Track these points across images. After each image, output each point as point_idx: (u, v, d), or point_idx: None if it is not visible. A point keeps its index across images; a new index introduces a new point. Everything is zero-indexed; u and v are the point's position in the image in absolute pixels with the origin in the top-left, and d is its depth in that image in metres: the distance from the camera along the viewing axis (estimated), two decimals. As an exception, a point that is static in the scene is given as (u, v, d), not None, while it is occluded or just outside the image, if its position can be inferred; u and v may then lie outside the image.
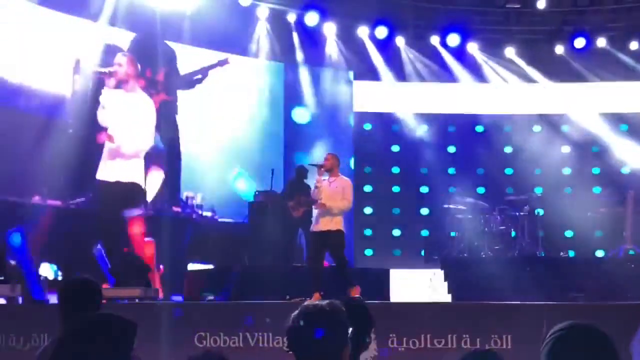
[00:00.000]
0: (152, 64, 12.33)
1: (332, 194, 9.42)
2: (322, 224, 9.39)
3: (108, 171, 9.31)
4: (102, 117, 9.29)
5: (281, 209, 11.45)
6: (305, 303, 2.82)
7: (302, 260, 11.45)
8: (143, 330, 2.58)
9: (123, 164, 9.30)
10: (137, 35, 12.25)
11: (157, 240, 10.82)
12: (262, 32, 13.57)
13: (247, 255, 11.73)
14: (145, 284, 9.23)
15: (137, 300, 8.68)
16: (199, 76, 12.66)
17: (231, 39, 13.23)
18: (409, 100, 14.96)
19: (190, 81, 12.72)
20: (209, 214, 12.90)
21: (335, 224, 9.42)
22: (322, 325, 2.68)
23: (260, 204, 11.53)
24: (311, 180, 11.91)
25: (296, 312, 2.77)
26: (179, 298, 10.80)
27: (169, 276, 11.04)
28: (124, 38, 12.12)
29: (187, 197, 12.71)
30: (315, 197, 9.45)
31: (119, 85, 9.24)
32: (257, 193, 11.83)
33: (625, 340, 7.69)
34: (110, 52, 10.97)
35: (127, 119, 9.34)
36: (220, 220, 13.03)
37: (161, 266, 11.17)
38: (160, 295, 9.90)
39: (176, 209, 12.58)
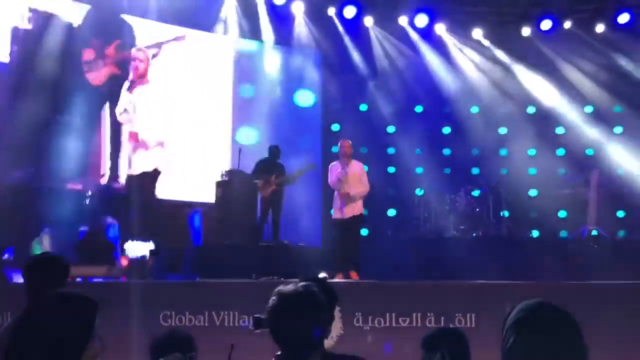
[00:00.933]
0: (105, 38, 12.15)
1: (352, 180, 9.99)
2: (347, 211, 9.98)
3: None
4: (126, 119, 9.21)
5: (249, 188, 11.40)
6: (281, 287, 2.84)
7: (270, 239, 11.46)
8: (107, 309, 2.56)
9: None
10: (91, 8, 12.05)
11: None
12: (230, 10, 13.43)
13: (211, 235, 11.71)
14: (110, 263, 9.18)
15: (102, 279, 8.63)
16: (154, 51, 12.47)
17: (197, 15, 13.08)
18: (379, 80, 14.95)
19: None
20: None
21: (358, 209, 10.11)
22: (299, 309, 2.71)
23: (226, 183, 11.46)
24: (284, 160, 11.95)
25: (274, 296, 2.78)
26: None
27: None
28: (77, 10, 11.94)
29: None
30: (338, 188, 9.95)
31: (137, 79, 9.13)
32: (224, 172, 11.76)
33: (586, 321, 7.82)
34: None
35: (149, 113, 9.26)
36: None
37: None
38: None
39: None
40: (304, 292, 2.80)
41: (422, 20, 14.10)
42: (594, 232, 13.68)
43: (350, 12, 13.76)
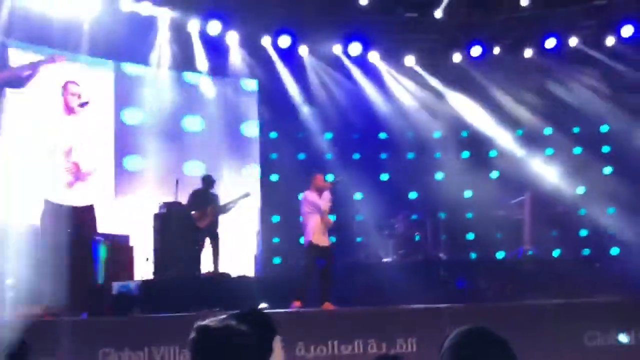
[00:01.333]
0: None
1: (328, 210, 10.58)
2: (326, 238, 10.47)
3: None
4: None
5: (186, 220, 11.33)
6: (209, 320, 2.74)
7: (210, 271, 11.40)
8: (44, 347, 2.53)
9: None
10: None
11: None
12: (164, 41, 13.35)
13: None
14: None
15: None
16: (28, 72, 11.97)
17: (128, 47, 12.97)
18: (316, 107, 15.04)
19: (19, 77, 11.93)
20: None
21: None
22: (224, 344, 2.62)
23: (164, 216, 11.36)
24: (218, 190, 11.93)
25: (194, 332, 2.66)
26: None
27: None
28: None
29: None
30: (324, 215, 10.40)
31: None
32: (162, 204, 11.66)
33: (523, 340, 7.96)
34: None
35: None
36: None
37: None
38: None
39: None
40: (222, 328, 2.68)
41: (355, 48, 14.26)
42: (530, 253, 13.97)
43: (284, 41, 13.85)
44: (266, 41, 14.00)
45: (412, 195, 15.10)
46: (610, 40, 14.15)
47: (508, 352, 2.29)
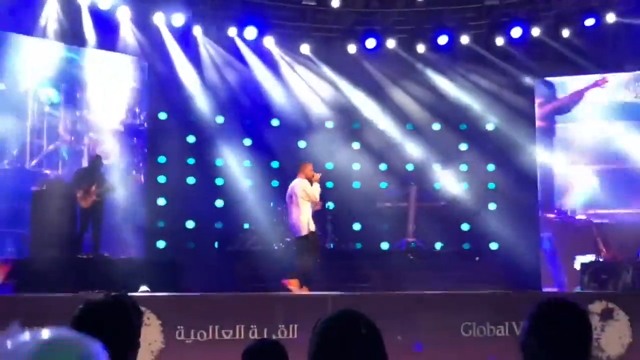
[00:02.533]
0: None
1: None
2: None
3: None
4: None
5: (68, 199, 10.93)
6: (90, 297, 2.73)
7: (91, 251, 11.07)
8: None
9: None
10: None
11: None
12: (51, 13, 12.81)
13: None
14: None
15: None
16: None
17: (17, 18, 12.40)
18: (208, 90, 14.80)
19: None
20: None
21: None
22: (106, 320, 2.60)
23: (44, 193, 10.93)
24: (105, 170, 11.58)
25: (81, 306, 2.67)
26: None
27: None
28: None
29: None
30: (315, 205, 10.81)
31: None
32: (41, 182, 11.21)
33: (402, 329, 8.10)
34: None
35: None
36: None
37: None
38: None
39: None
40: (111, 302, 2.70)
41: (251, 32, 14.13)
42: (413, 244, 14.26)
43: (178, 20, 13.56)
44: (159, 19, 13.64)
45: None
46: (499, 41, 14.57)
47: (374, 336, 2.28)
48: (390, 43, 14.68)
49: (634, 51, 14.34)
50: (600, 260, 12.64)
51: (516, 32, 14.24)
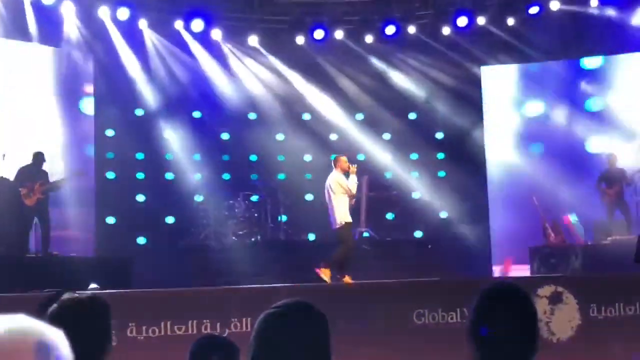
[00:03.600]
0: None
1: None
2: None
3: None
4: None
5: (12, 196, 10.71)
6: (66, 296, 2.71)
7: (38, 250, 10.89)
8: None
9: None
10: None
11: None
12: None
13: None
14: None
15: None
16: None
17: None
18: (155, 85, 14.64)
19: None
20: None
21: None
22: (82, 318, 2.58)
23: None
24: (49, 167, 11.36)
25: (56, 305, 2.66)
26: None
27: None
28: None
29: None
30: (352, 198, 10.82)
31: None
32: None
33: (355, 318, 8.12)
34: None
35: None
36: None
37: None
38: None
39: None
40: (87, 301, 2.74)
41: (197, 25, 14.00)
42: (365, 234, 14.32)
43: (123, 14, 13.37)
44: (104, 12, 13.42)
45: (253, 176, 15.06)
46: (446, 30, 14.68)
47: (321, 325, 2.27)
48: (339, 34, 14.69)
49: (578, 38, 14.59)
50: (549, 245, 12.85)
51: (462, 21, 14.37)
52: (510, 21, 14.44)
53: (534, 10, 14.17)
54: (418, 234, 15.12)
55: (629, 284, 9.15)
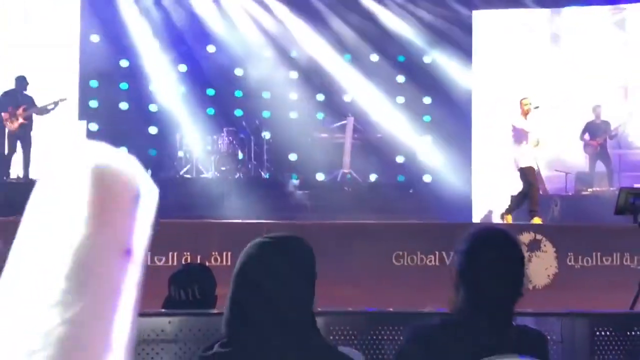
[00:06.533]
0: None
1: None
2: None
3: None
4: None
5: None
6: None
7: (20, 176, 10.83)
8: None
9: None
10: None
11: None
12: None
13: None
14: None
15: None
16: None
17: None
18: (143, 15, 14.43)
19: None
20: None
21: None
22: None
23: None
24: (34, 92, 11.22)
25: None
26: None
27: None
28: None
29: None
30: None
31: None
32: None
33: (336, 256, 8.18)
34: None
35: None
36: None
37: None
38: None
39: None
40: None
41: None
42: (348, 176, 14.33)
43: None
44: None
45: (237, 112, 14.95)
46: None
47: (309, 257, 2.26)
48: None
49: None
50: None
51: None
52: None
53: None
54: (401, 177, 15.14)
55: (607, 235, 9.26)
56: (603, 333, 3.45)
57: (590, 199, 12.19)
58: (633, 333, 3.50)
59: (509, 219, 10.71)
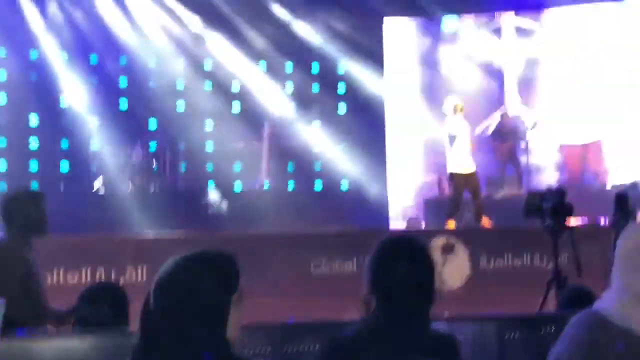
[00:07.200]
0: None
1: None
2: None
3: None
4: None
5: None
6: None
7: None
8: None
9: None
10: None
11: None
12: None
13: None
14: None
15: None
16: None
17: None
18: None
19: None
20: None
21: None
22: None
23: None
24: None
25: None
26: None
27: None
28: None
29: None
30: None
31: None
32: None
33: (256, 267, 8.15)
34: None
35: None
36: None
37: None
38: None
39: None
40: None
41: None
42: (266, 184, 14.33)
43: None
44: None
45: (152, 124, 14.74)
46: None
47: (228, 272, 2.26)
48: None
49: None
50: (444, 197, 13.18)
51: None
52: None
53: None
54: (318, 185, 15.19)
55: (518, 237, 9.52)
56: (512, 336, 3.56)
57: (501, 202, 12.51)
58: (541, 333, 3.61)
59: (452, 225, 10.84)
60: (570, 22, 15.11)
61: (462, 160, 10.82)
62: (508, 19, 15.63)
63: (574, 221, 7.15)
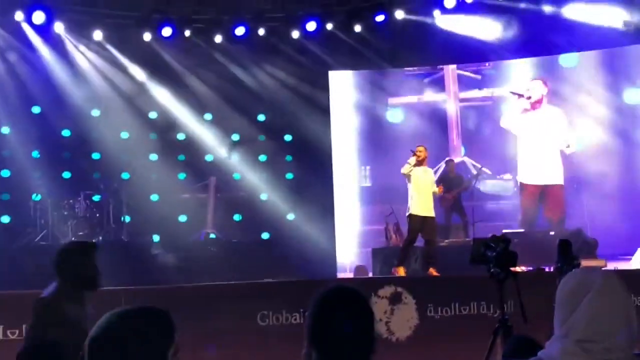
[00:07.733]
0: None
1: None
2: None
3: None
4: None
5: None
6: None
7: None
8: None
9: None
10: None
11: None
12: None
13: None
14: None
15: None
16: None
17: None
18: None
19: None
20: None
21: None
22: None
23: None
24: None
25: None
26: None
27: None
28: None
29: None
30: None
31: None
32: None
33: (200, 320, 8.03)
34: None
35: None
36: None
37: None
38: None
39: None
40: None
41: (39, 17, 13.38)
42: (212, 236, 14.20)
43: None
44: None
45: (96, 175, 14.55)
46: (295, 34, 14.82)
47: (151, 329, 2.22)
48: (187, 32, 14.50)
49: (420, 47, 15.14)
50: (391, 246, 13.24)
51: (311, 25, 14.55)
52: (357, 28, 14.76)
53: (380, 18, 14.57)
54: (265, 235, 15.12)
55: (464, 285, 9.56)
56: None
57: (448, 250, 12.60)
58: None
59: (401, 271, 10.90)
60: (512, 73, 15.54)
61: (424, 205, 11.06)
62: (451, 71, 16.03)
63: (518, 268, 7.23)
